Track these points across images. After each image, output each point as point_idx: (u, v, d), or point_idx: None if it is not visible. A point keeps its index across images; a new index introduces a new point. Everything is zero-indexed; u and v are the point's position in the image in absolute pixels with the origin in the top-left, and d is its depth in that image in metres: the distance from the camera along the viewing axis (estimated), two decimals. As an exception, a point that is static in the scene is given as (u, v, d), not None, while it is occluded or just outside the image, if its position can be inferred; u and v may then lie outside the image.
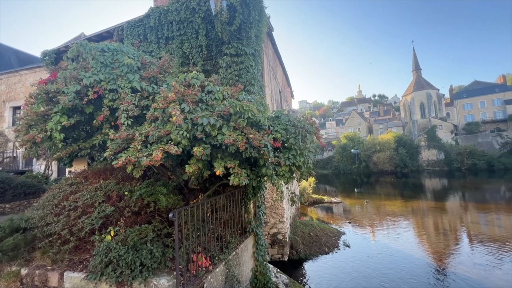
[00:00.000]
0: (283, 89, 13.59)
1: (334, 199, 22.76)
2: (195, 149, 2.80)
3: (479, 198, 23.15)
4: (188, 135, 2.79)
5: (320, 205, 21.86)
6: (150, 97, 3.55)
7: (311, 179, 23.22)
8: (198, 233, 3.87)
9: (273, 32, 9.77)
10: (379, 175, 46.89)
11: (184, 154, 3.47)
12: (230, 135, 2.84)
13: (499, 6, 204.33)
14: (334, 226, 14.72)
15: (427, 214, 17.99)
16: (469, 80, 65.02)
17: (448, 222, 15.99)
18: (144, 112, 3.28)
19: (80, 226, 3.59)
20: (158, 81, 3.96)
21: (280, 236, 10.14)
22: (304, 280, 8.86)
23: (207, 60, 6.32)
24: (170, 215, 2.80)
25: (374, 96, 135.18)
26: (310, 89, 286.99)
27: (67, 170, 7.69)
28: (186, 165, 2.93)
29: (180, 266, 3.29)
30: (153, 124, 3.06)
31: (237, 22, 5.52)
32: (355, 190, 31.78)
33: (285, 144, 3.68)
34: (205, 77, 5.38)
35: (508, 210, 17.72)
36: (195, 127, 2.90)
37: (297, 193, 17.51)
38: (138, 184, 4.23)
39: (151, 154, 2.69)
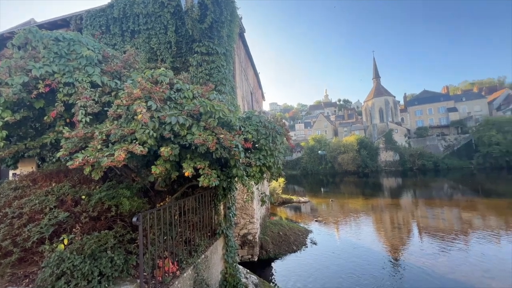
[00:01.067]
0: (254, 91, 13.71)
1: (302, 199, 23.56)
2: (162, 149, 2.67)
3: (427, 195, 25.93)
4: (155, 134, 2.65)
5: (289, 204, 22.45)
6: (113, 93, 3.29)
7: (281, 180, 23.73)
8: (165, 237, 3.70)
9: (244, 34, 9.81)
10: (343, 175, 49.80)
11: (151, 155, 3.29)
12: (200, 135, 2.76)
13: (445, 23, 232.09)
14: (302, 225, 15.22)
15: (385, 210, 19.59)
16: (421, 89, 73.44)
17: (402, 217, 17.60)
18: (106, 109, 3.03)
19: (26, 236, 3.18)
20: (122, 77, 3.69)
21: (250, 237, 10.18)
22: (274, 279, 9.00)
23: (177, 57, 6.10)
24: (134, 219, 2.63)
25: (339, 100, 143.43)
26: (281, 92, 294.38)
27: (10, 172, 6.77)
28: (153, 166, 2.78)
29: (144, 273, 3.10)
30: (115, 122, 2.85)
31: (209, 21, 5.43)
32: (322, 189, 33.32)
33: (256, 145, 3.71)
34: (174, 74, 5.20)
35: (450, 205, 20.13)
36: (163, 126, 2.76)
37: (267, 193, 17.77)
38: (97, 187, 3.90)
39: (113, 154, 2.49)
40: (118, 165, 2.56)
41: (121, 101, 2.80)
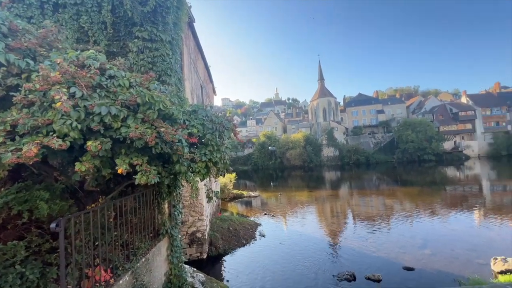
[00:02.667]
0: (205, 84, 13.27)
1: (252, 193, 24.11)
2: (89, 143, 2.32)
3: (360, 186, 29.62)
4: (79, 126, 2.27)
5: (240, 199, 22.72)
6: (23, 76, 2.69)
7: (232, 175, 23.78)
8: (97, 243, 3.28)
9: (194, 24, 9.35)
10: (291, 169, 52.85)
11: (77, 150, 2.84)
12: (137, 128, 2.49)
13: (380, 35, 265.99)
14: (252, 219, 15.59)
15: (326, 200, 21.60)
16: (358, 91, 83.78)
17: (340, 206, 19.69)
18: (12, 93, 2.46)
19: None
20: (38, 56, 3.05)
21: (199, 234, 9.92)
22: (224, 274, 9.00)
23: (113, 41, 5.40)
24: (53, 225, 2.23)
25: (288, 99, 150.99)
26: (233, 88, 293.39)
27: None
28: (77, 163, 2.39)
29: (69, 286, 2.69)
30: (25, 110, 2.34)
31: (152, 4, 4.96)
32: (271, 184, 34.73)
33: (202, 140, 3.57)
34: (109, 59, 4.59)
35: (377, 194, 23.43)
36: (91, 117, 2.40)
37: (218, 189, 17.58)
38: (1, 189, 3.19)
39: (20, 149, 2.05)
40: (28, 162, 2.11)
41: (34, 85, 2.31)
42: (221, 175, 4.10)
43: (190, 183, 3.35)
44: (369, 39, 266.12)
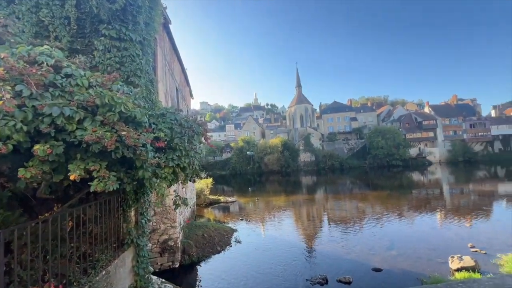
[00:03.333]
0: (181, 87, 12.96)
1: (230, 199, 23.82)
2: (36, 147, 2.10)
3: (334, 190, 30.61)
4: (25, 128, 2.05)
5: (217, 205, 22.32)
6: (-39, 70, 2.40)
7: (208, 181, 23.33)
8: (48, 256, 2.98)
9: (170, 25, 9.14)
10: (269, 174, 53.24)
11: (25, 154, 2.57)
12: (94, 131, 2.32)
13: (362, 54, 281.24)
14: (229, 225, 15.34)
15: (302, 205, 21.98)
16: (332, 100, 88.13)
17: (316, 210, 20.14)
18: None
19: None
20: (-19, 50, 2.75)
21: (171, 242, 9.51)
22: (196, 283, 8.69)
23: (77, 38, 5.06)
24: (-11, 239, 1.98)
25: (267, 105, 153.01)
26: (212, 91, 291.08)
27: None
28: (20, 169, 2.16)
29: (10, 307, 2.39)
30: (-40, 109, 2.06)
31: (121, 2, 4.75)
32: (249, 189, 34.63)
33: (171, 144, 3.43)
34: (71, 57, 4.29)
35: (350, 198, 24.37)
36: (40, 118, 2.18)
37: (194, 195, 17.10)
38: None
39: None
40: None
41: (-29, 81, 2.06)
42: (190, 180, 3.97)
43: (155, 189, 3.17)
44: (345, 49, 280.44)
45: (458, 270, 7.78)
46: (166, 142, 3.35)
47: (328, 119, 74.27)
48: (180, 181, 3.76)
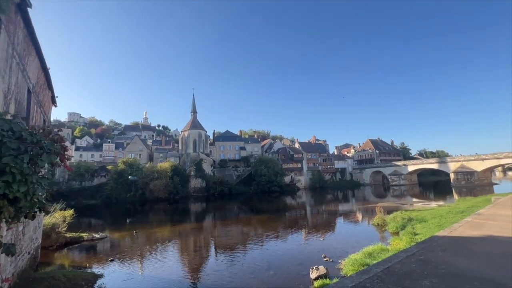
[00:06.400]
0: (37, 90, 9.93)
1: (97, 235, 19.15)
2: None
3: (222, 216, 31.20)
4: None
5: (78, 245, 17.33)
6: None
7: (67, 213, 18.09)
8: None
9: (29, 9, 7.12)
10: (154, 202, 47.68)
11: None
12: None
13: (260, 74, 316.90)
14: (92, 270, 12.10)
15: (190, 235, 20.79)
16: (225, 129, 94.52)
17: (203, 239, 19.54)
18: None
19: None
20: None
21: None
22: None
23: None
24: None
25: (159, 126, 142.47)
26: (89, 103, 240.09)
27: None
28: None
29: None
30: None
31: None
32: (127, 220, 29.41)
33: None
34: None
35: (236, 223, 25.49)
36: None
37: (39, 234, 12.51)
38: None
39: None
40: None
41: None
42: (27, 217, 2.90)
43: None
44: (238, 86, 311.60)
45: (316, 279, 9.53)
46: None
47: (220, 146, 77.61)
48: (4, 219, 2.61)
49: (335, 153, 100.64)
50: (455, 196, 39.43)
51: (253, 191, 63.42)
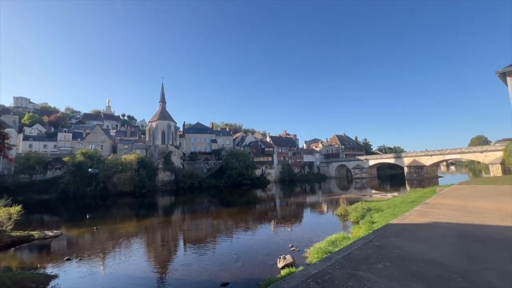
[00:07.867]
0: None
1: (51, 233, 17.54)
2: None
3: (192, 210, 30.66)
4: None
5: (27, 244, 15.71)
6: None
7: (14, 209, 16.27)
8: None
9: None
10: (117, 196, 44.96)
11: None
12: None
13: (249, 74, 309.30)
14: (44, 270, 11.09)
15: (157, 229, 20.09)
16: (196, 121, 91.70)
17: (172, 233, 19.03)
18: None
19: None
20: None
21: None
22: None
23: None
24: None
25: (123, 115, 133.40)
26: (42, 87, 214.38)
27: None
28: None
29: None
30: None
31: None
32: (87, 216, 27.35)
33: None
34: None
35: (206, 216, 25.27)
36: None
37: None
38: None
39: None
40: None
41: None
42: None
43: None
44: (210, 79, 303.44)
45: (283, 267, 9.93)
46: None
47: (191, 138, 75.39)
48: None
49: (305, 147, 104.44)
50: (408, 187, 43.76)
51: (224, 184, 63.16)
